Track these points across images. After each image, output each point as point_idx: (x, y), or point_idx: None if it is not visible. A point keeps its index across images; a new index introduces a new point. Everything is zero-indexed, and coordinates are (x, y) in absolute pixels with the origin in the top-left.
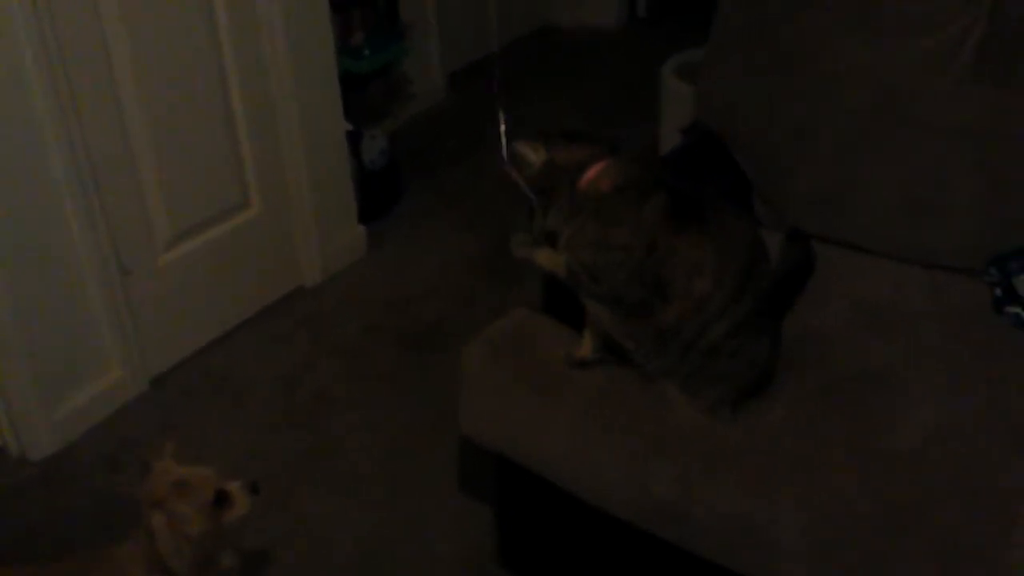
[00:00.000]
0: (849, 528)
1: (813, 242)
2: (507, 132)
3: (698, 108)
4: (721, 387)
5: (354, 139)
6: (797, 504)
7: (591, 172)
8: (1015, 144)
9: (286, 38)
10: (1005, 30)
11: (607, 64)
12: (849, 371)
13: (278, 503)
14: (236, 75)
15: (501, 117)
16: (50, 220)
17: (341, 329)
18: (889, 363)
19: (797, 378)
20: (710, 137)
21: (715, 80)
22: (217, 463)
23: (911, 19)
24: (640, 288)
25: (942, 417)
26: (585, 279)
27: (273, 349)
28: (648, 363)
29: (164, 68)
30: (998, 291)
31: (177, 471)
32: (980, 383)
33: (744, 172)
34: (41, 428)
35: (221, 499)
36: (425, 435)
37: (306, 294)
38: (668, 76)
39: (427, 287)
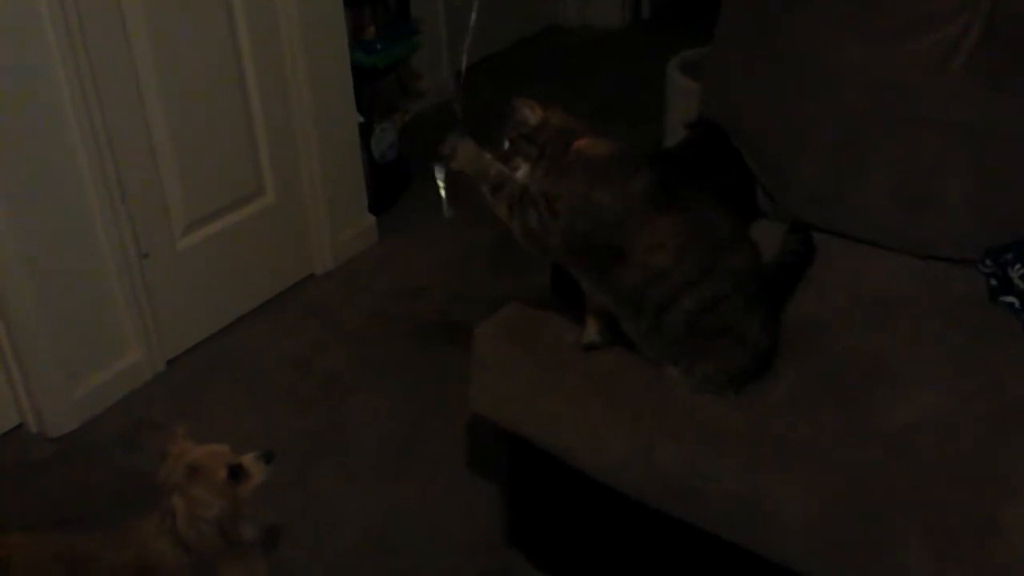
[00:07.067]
0: (848, 505)
1: (814, 233)
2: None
3: (703, 104)
4: (710, 364)
5: (365, 132)
6: (798, 482)
7: (585, 140)
8: (1008, 143)
9: (302, 33)
10: (1002, 32)
11: (611, 63)
12: (847, 357)
13: (291, 482)
14: (253, 67)
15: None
16: (72, 204)
17: (351, 316)
18: (886, 350)
19: (797, 364)
20: (715, 132)
21: (719, 76)
22: (231, 443)
23: (909, 19)
24: (589, 240)
25: (937, 401)
26: (545, 210)
27: (285, 334)
28: (629, 323)
29: (184, 61)
30: (994, 281)
31: (191, 453)
32: (975, 369)
33: (748, 166)
34: (61, 406)
35: (236, 473)
36: (434, 418)
37: (317, 281)
38: (673, 72)
39: (435, 276)
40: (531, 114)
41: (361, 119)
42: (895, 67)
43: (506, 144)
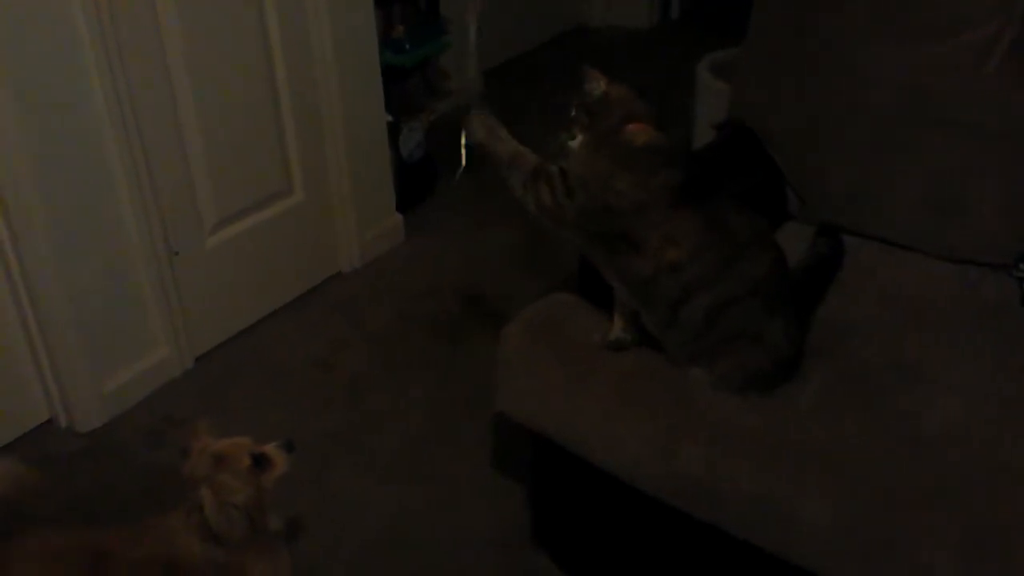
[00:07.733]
0: (871, 507)
1: (843, 236)
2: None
3: (733, 104)
4: (728, 363)
5: (393, 131)
6: (821, 483)
7: (635, 125)
8: None
9: (332, 31)
10: None
11: (639, 63)
12: (876, 360)
13: (313, 478)
14: (283, 66)
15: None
16: (104, 201)
17: (376, 314)
18: (916, 353)
19: (825, 366)
20: (744, 133)
21: (750, 77)
22: (256, 439)
23: (941, 21)
24: (602, 226)
25: (967, 405)
26: (561, 188)
27: (311, 332)
28: (647, 315)
29: (215, 60)
30: None
31: (214, 445)
32: (1005, 373)
33: (777, 167)
34: (90, 401)
35: (259, 461)
36: (456, 418)
37: (343, 279)
38: (703, 73)
39: (461, 275)
40: (595, 86)
41: (389, 118)
42: (926, 69)
43: (572, 111)
